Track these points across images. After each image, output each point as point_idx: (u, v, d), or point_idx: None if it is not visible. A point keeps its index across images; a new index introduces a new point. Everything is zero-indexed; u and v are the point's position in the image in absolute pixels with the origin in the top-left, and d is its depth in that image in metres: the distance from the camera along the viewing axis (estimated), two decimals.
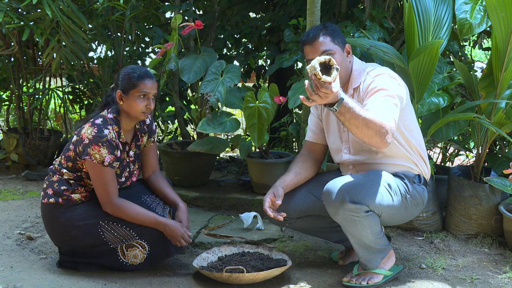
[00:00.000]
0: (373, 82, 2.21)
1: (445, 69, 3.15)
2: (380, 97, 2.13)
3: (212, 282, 2.32)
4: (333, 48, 2.24)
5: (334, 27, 2.30)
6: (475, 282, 2.40)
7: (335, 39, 2.26)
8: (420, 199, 2.33)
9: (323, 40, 2.24)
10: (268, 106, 3.08)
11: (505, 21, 2.64)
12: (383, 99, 2.12)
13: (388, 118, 2.04)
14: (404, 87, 2.27)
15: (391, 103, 2.12)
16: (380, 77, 2.22)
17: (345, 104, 1.94)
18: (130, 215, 2.30)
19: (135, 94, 2.31)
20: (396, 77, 2.27)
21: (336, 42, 2.26)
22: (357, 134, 2.02)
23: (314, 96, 1.91)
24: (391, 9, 3.53)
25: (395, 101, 2.14)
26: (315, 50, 2.24)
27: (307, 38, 2.27)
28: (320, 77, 1.85)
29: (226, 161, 4.91)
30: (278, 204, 2.29)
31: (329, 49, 2.23)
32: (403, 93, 2.22)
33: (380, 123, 1.98)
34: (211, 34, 4.25)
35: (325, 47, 2.23)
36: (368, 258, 2.28)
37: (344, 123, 2.02)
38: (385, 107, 2.09)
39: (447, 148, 3.82)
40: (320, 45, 2.23)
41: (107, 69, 4.10)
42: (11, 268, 2.39)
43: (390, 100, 2.13)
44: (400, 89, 2.21)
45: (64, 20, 3.56)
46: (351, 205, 2.09)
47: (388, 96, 2.13)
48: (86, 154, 2.24)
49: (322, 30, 2.26)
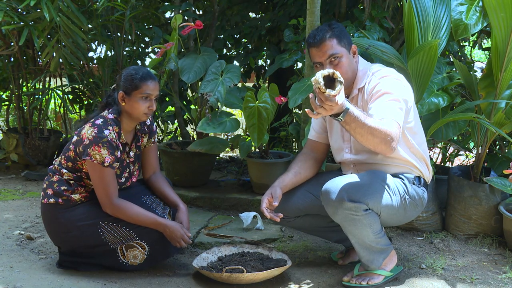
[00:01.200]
0: (378, 85, 2.19)
1: (444, 70, 3.15)
2: (385, 101, 2.13)
3: (212, 282, 2.32)
4: (340, 51, 2.22)
5: (340, 27, 2.27)
6: (475, 282, 2.40)
7: (341, 40, 2.23)
8: (420, 201, 2.33)
9: (329, 43, 2.21)
10: (268, 106, 3.08)
11: (504, 21, 2.64)
12: (388, 104, 2.11)
13: (393, 124, 2.04)
14: (410, 89, 2.27)
15: (396, 108, 2.11)
16: (386, 79, 2.21)
17: (350, 114, 1.93)
18: (130, 216, 2.30)
19: (138, 96, 2.30)
20: (401, 78, 2.26)
21: (343, 44, 2.24)
22: (362, 142, 2.01)
23: (319, 109, 1.89)
24: (391, 9, 3.53)
25: (400, 105, 2.13)
26: (322, 53, 2.22)
27: (313, 41, 2.24)
28: (324, 91, 1.84)
29: (226, 161, 4.92)
30: (275, 205, 2.29)
31: (336, 53, 2.21)
32: (408, 95, 2.22)
33: (385, 131, 1.98)
34: (211, 34, 4.25)
35: (332, 51, 2.21)
36: (370, 258, 2.28)
37: (349, 131, 2.01)
38: (390, 112, 2.09)
39: (447, 148, 3.82)
40: (327, 49, 2.21)
41: (107, 69, 4.10)
42: (11, 268, 2.39)
43: (395, 104, 2.12)
44: (405, 92, 2.21)
45: (63, 20, 3.56)
46: (350, 204, 2.08)
47: (393, 101, 2.13)
48: (86, 154, 2.24)
49: (329, 31, 2.23)
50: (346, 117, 1.93)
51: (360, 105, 2.29)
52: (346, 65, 2.23)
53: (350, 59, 2.27)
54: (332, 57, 2.21)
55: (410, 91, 2.26)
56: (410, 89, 2.27)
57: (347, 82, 2.24)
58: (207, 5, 5.08)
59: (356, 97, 2.31)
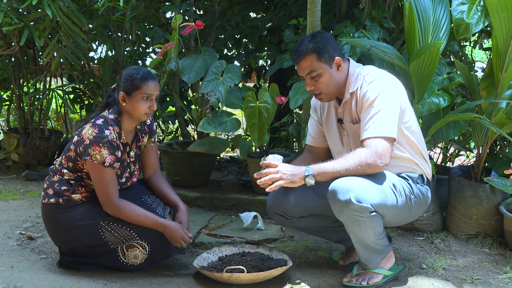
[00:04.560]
0: (367, 92, 2.21)
1: (445, 70, 3.15)
2: (373, 115, 2.17)
3: (213, 282, 2.32)
4: (319, 67, 2.24)
5: (324, 39, 2.26)
6: (476, 282, 2.40)
7: (322, 56, 2.23)
8: (424, 200, 2.34)
9: (308, 59, 2.24)
10: (269, 106, 3.08)
11: (506, 21, 2.64)
12: (376, 119, 2.16)
13: (374, 147, 2.12)
14: (401, 90, 2.28)
15: (384, 118, 2.15)
16: (374, 84, 2.22)
17: (316, 172, 2.13)
18: (130, 216, 2.29)
19: (139, 96, 2.30)
20: (391, 81, 2.27)
21: (323, 60, 2.24)
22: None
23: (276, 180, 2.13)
24: (392, 9, 3.53)
25: (390, 111, 2.17)
26: (302, 70, 2.28)
27: (294, 56, 2.29)
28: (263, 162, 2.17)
29: (226, 161, 4.92)
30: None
31: (314, 70, 2.24)
32: (399, 97, 2.24)
33: (362, 163, 2.11)
34: (211, 34, 4.25)
35: (310, 68, 2.24)
36: (369, 258, 2.29)
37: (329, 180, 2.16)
38: (378, 129, 2.14)
39: (448, 148, 3.82)
40: (306, 66, 2.25)
41: (108, 69, 4.10)
42: (12, 268, 2.39)
43: (383, 114, 2.15)
44: (395, 95, 2.22)
45: (64, 20, 3.56)
46: (357, 205, 2.09)
47: (381, 111, 2.16)
48: (87, 154, 2.24)
49: (309, 45, 2.24)
50: (315, 177, 2.12)
51: (354, 110, 2.30)
52: (327, 81, 2.26)
53: (331, 74, 2.27)
54: (311, 74, 2.25)
55: (400, 92, 2.27)
56: (400, 90, 2.28)
57: (331, 96, 2.32)
58: (208, 5, 5.08)
59: (349, 102, 2.32)
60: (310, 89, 2.29)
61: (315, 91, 2.29)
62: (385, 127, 2.14)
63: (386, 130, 2.14)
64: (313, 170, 2.13)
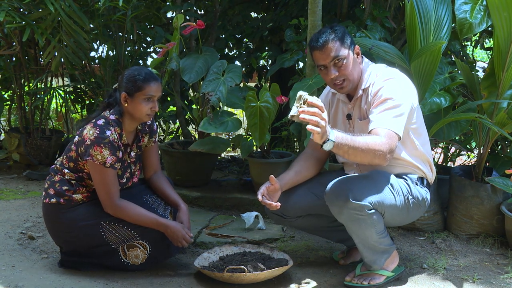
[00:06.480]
0: (381, 89, 2.20)
1: (446, 70, 3.15)
2: (384, 109, 2.15)
3: (214, 282, 2.32)
4: (344, 53, 2.22)
5: (343, 29, 2.28)
6: (477, 282, 2.40)
7: (344, 42, 2.24)
8: (423, 201, 2.33)
9: (332, 45, 2.21)
10: (270, 105, 3.08)
11: (507, 20, 2.64)
12: (387, 114, 2.13)
13: (386, 138, 2.07)
14: (413, 91, 2.27)
15: (395, 115, 2.13)
16: (389, 82, 2.21)
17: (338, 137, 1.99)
18: (131, 216, 2.30)
19: (141, 97, 2.30)
20: (404, 80, 2.26)
21: (346, 46, 2.24)
22: (356, 161, 2.08)
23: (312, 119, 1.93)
24: (393, 9, 3.52)
25: (401, 110, 2.15)
26: (326, 56, 2.23)
27: (316, 44, 2.24)
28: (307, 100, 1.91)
29: (227, 160, 4.92)
30: (272, 188, 2.29)
31: (340, 55, 2.22)
32: (411, 98, 2.22)
33: (374, 148, 2.03)
34: (212, 34, 4.25)
35: (335, 53, 2.22)
36: (373, 258, 2.29)
37: (342, 155, 2.07)
38: (387, 122, 2.12)
39: (449, 148, 3.81)
40: (330, 51, 2.21)
41: (109, 69, 4.10)
42: (13, 268, 2.39)
43: (394, 112, 2.14)
44: (408, 95, 2.21)
45: (65, 19, 3.56)
46: (355, 204, 2.09)
47: (393, 108, 2.14)
48: (88, 155, 2.24)
49: (331, 34, 2.23)
50: (335, 142, 1.97)
51: (364, 107, 2.29)
52: (351, 66, 2.24)
53: (354, 60, 2.27)
54: (336, 59, 2.22)
55: (413, 92, 2.26)
56: (413, 91, 2.27)
57: (353, 83, 2.28)
58: (209, 5, 5.08)
59: (360, 98, 2.32)
60: (334, 76, 2.23)
61: (338, 78, 2.25)
62: (395, 124, 2.13)
63: (395, 127, 2.12)
64: (336, 138, 1.98)
